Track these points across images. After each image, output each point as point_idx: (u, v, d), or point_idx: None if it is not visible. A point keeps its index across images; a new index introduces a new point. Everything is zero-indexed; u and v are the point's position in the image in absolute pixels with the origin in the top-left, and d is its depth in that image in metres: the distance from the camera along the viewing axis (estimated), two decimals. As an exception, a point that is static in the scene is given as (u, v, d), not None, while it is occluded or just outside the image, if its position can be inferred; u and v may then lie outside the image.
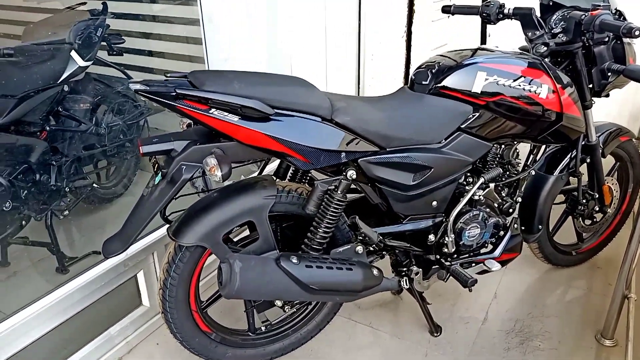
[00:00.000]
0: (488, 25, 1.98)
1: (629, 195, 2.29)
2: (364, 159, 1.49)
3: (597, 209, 2.11)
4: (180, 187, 1.33)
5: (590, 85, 1.83)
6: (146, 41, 2.75)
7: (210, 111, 1.26)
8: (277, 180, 1.61)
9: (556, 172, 1.97)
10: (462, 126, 1.61)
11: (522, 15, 1.83)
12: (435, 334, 1.92)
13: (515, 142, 1.79)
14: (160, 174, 1.34)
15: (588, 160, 2.00)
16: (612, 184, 2.15)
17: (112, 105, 2.55)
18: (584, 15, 1.60)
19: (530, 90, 1.61)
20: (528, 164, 1.91)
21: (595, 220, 2.15)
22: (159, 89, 1.24)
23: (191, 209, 1.45)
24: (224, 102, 1.25)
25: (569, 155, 1.96)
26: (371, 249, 1.63)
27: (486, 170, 1.74)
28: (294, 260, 1.37)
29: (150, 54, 2.79)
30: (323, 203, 1.48)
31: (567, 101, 1.68)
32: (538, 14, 1.87)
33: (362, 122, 1.45)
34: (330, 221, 1.48)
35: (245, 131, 1.30)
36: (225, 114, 1.28)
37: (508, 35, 2.46)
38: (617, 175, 2.23)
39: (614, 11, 1.69)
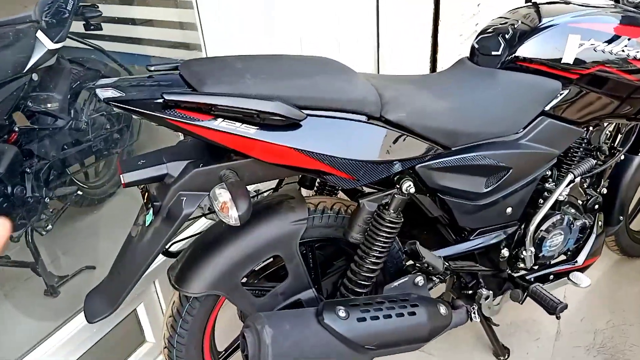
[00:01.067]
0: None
1: None
2: (424, 164, 1.11)
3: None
4: (181, 224, 0.96)
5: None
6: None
7: (216, 122, 0.88)
8: (305, 194, 1.24)
9: (640, 152, 1.59)
10: (547, 109, 1.22)
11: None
12: (501, 358, 1.59)
13: (607, 123, 1.39)
14: (152, 209, 0.97)
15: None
16: None
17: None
18: None
19: (637, 57, 1.20)
20: (616, 146, 1.52)
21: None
22: (139, 95, 0.85)
23: (197, 245, 1.09)
24: (234, 108, 0.86)
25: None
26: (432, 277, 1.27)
27: (574, 163, 1.35)
28: (341, 313, 1.01)
29: (134, 22, 2.36)
30: (370, 226, 1.12)
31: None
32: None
33: (421, 116, 1.06)
34: (382, 249, 1.12)
35: (266, 146, 0.92)
36: (237, 124, 0.89)
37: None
38: None
39: None
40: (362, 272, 1.14)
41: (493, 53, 1.22)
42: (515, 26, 1.22)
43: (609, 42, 1.18)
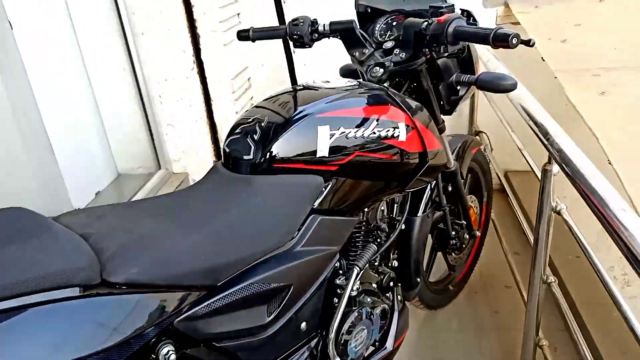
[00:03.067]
0: (302, 49, 1.51)
1: (485, 205, 2.07)
2: (183, 317, 0.88)
3: (467, 237, 1.83)
4: None
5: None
6: None
7: None
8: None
9: (420, 212, 1.62)
10: (315, 206, 1.11)
11: (343, 32, 1.39)
12: None
13: (379, 202, 1.35)
14: None
15: (450, 189, 1.69)
16: (472, 202, 1.90)
17: None
18: (426, 23, 1.21)
19: (387, 136, 1.17)
20: (395, 216, 1.50)
21: (464, 246, 1.87)
22: None
23: None
24: None
25: (428, 189, 1.62)
26: None
27: (356, 254, 1.27)
28: None
29: None
30: None
31: (427, 135, 1.29)
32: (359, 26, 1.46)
33: (161, 265, 0.83)
34: None
35: None
36: None
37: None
38: (470, 188, 1.98)
39: (459, 12, 1.34)
40: None
41: (245, 157, 1.07)
42: (264, 124, 1.09)
43: (360, 126, 1.13)
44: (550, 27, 2.07)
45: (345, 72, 1.56)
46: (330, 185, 1.12)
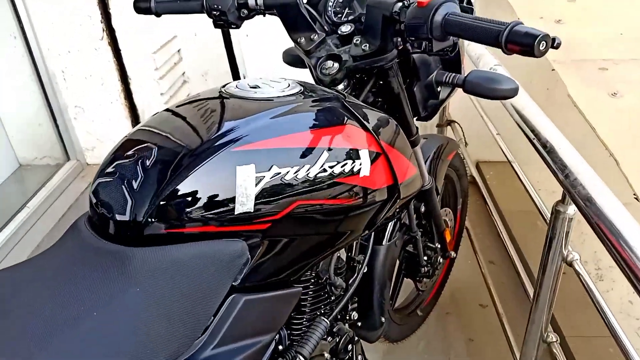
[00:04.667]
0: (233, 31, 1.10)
1: (459, 212, 1.76)
2: None
3: (441, 260, 1.51)
4: None
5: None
6: None
7: None
8: None
9: (386, 240, 1.28)
10: (237, 283, 0.73)
11: (283, 8, 0.99)
12: None
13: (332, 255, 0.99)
14: None
15: (423, 209, 1.35)
16: (446, 215, 1.57)
17: None
18: (400, 4, 0.83)
19: (344, 172, 0.80)
20: (354, 255, 1.15)
21: (437, 271, 1.55)
22: None
23: None
24: None
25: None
26: None
27: (299, 329, 0.91)
28: None
29: None
30: None
31: (398, 160, 0.92)
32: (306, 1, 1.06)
33: None
34: None
35: None
36: None
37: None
38: (443, 198, 1.66)
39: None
40: None
41: (118, 217, 0.67)
42: (149, 160, 0.69)
43: (303, 161, 0.75)
44: (541, 3, 1.72)
45: (292, 59, 1.16)
46: (259, 251, 0.74)
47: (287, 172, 0.73)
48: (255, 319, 0.77)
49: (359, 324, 1.29)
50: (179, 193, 0.68)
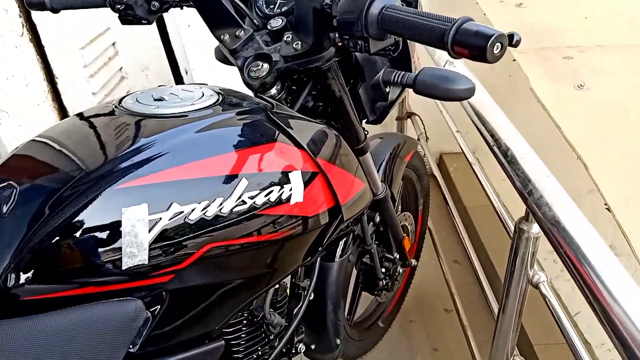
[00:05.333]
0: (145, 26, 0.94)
1: (421, 214, 1.65)
2: None
3: (401, 270, 1.39)
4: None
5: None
6: None
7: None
8: None
9: (337, 256, 1.15)
10: (135, 350, 0.59)
11: (202, 0, 0.83)
12: None
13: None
14: None
15: (377, 219, 1.23)
16: (406, 220, 1.46)
17: None
18: None
19: (269, 201, 0.66)
20: (298, 280, 1.01)
21: (397, 282, 1.43)
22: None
23: None
24: None
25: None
26: None
27: None
28: None
29: None
30: None
31: (340, 178, 0.79)
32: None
33: None
34: None
35: None
36: None
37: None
38: (402, 200, 1.54)
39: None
40: None
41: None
42: (9, 202, 0.54)
43: (215, 194, 0.61)
44: (501, -17, 1.60)
45: (224, 57, 1.01)
46: (161, 309, 0.60)
47: (193, 210, 0.59)
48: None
49: (312, 347, 1.17)
50: (48, 245, 0.53)
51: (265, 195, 0.65)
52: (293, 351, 1.01)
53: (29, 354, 0.52)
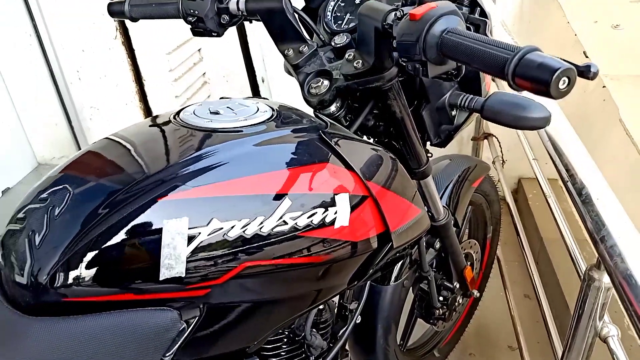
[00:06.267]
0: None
1: (489, 242, 1.56)
2: None
3: (461, 300, 1.32)
4: None
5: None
6: None
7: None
8: None
9: (392, 280, 1.11)
10: (167, 359, 0.60)
11: (268, 15, 0.84)
12: None
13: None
14: None
15: (437, 245, 1.17)
16: (471, 248, 1.38)
17: None
18: (393, 15, 0.66)
19: (312, 224, 0.64)
20: (345, 301, 0.99)
21: (455, 313, 1.36)
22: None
23: None
24: None
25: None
26: None
27: None
28: None
29: None
30: None
31: (391, 204, 0.76)
32: (303, 2, 0.91)
33: None
34: None
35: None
36: None
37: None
38: (470, 225, 1.46)
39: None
40: None
41: (17, 279, 0.55)
42: (61, 207, 0.57)
43: (255, 212, 0.60)
44: (597, 3, 1.47)
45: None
46: (197, 321, 0.61)
47: (232, 227, 0.59)
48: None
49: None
50: (90, 252, 0.55)
51: (308, 217, 0.64)
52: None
53: (65, 353, 0.54)
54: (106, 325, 0.56)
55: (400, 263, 1.12)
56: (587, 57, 1.24)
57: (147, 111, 2.00)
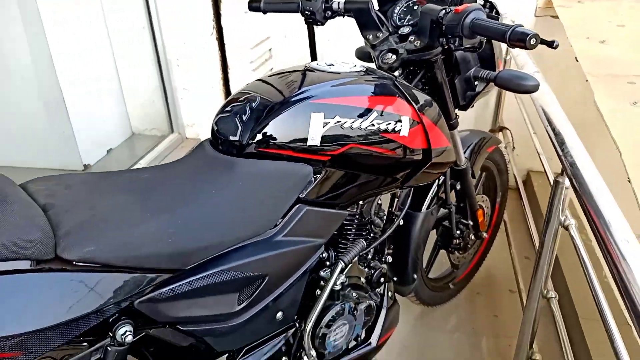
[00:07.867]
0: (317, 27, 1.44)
1: (498, 205, 1.99)
2: (145, 298, 0.85)
3: (473, 237, 1.75)
4: None
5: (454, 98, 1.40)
6: None
7: None
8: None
9: (424, 208, 1.55)
10: (302, 196, 1.05)
11: (358, 12, 1.31)
12: None
13: (375, 196, 1.29)
14: None
15: (458, 187, 1.61)
16: (483, 202, 1.81)
17: None
18: (443, 11, 1.12)
19: (387, 129, 1.10)
20: (393, 210, 1.44)
21: (469, 246, 1.79)
22: None
23: None
24: None
25: (435, 185, 1.55)
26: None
27: (344, 248, 1.22)
28: None
29: None
30: None
31: (434, 131, 1.21)
32: (377, 6, 1.38)
33: (122, 246, 0.80)
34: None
35: None
36: None
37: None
38: (484, 187, 1.90)
39: (481, 1, 1.24)
40: None
41: (232, 138, 1.02)
42: (255, 104, 1.03)
43: (358, 116, 1.06)
44: (590, 25, 1.93)
45: (362, 55, 1.48)
46: (320, 176, 1.06)
47: (346, 122, 1.04)
48: (311, 225, 1.08)
49: (395, 279, 1.57)
50: (271, 127, 1.01)
51: (386, 125, 1.09)
52: (383, 260, 1.41)
53: (253, 177, 0.99)
54: (275, 167, 1.01)
55: (430, 196, 1.55)
56: (577, 60, 1.69)
57: (227, 94, 2.49)
